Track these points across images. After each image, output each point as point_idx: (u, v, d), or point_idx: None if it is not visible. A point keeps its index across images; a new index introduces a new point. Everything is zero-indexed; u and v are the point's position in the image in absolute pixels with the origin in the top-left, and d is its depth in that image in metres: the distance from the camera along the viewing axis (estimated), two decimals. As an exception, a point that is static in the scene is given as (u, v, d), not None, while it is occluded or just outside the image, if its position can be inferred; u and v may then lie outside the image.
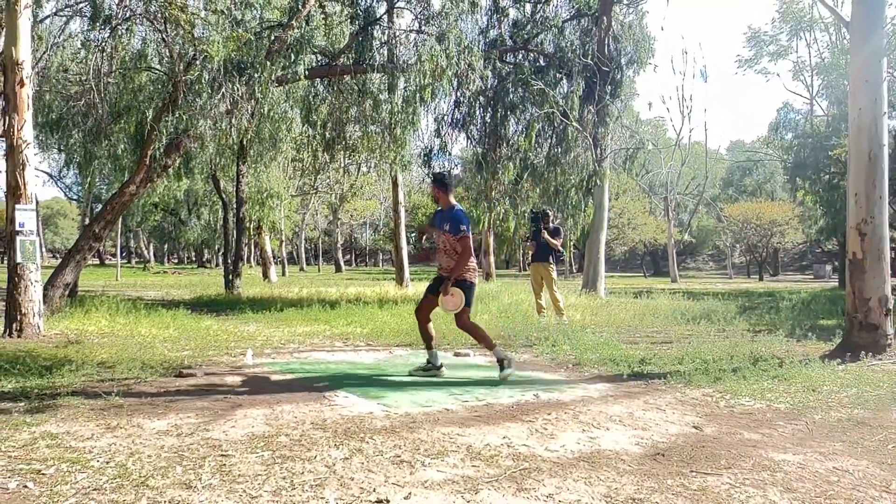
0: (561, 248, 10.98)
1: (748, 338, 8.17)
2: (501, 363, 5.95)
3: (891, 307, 7.07)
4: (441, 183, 6.23)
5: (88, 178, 15.06)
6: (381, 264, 69.87)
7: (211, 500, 2.90)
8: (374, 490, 3.05)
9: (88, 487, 3.02)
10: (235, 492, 3.00)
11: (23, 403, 4.65)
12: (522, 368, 6.70)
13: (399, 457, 3.56)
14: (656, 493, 3.08)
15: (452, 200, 6.20)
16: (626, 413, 4.71)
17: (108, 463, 3.36)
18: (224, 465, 3.36)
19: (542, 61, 15.36)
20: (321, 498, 2.95)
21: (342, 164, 24.95)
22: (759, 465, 3.54)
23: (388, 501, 2.92)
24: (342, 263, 54.73)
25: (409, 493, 3.02)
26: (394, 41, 13.84)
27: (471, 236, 6.11)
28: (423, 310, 6.32)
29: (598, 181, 15.01)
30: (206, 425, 4.16)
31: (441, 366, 6.24)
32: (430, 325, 6.33)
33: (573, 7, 15.53)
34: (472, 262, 6.14)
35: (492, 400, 5.09)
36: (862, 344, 6.87)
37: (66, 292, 11.06)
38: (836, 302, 14.19)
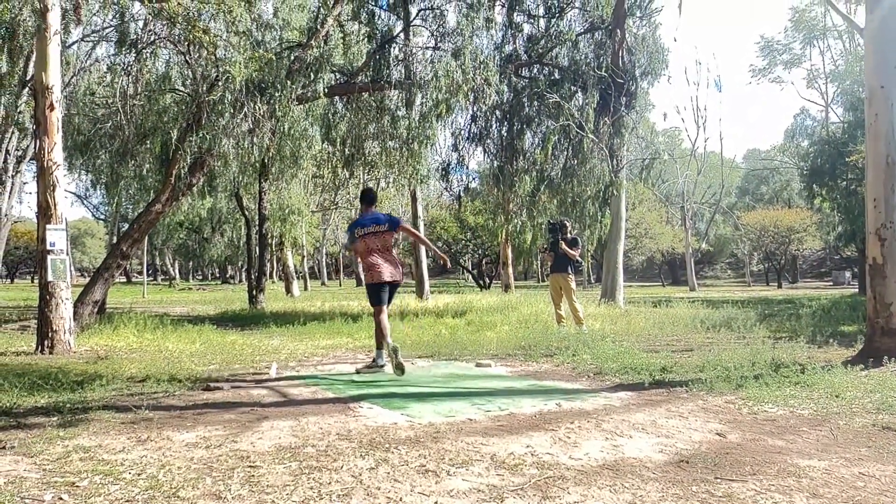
0: (579, 259, 10.93)
1: (769, 345, 8.07)
2: (374, 362, 7.15)
3: (913, 312, 6.96)
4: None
5: (115, 198, 15.25)
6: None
7: (240, 510, 2.91)
8: (401, 499, 3.05)
9: (121, 499, 3.04)
10: (264, 502, 3.00)
11: (56, 418, 4.70)
12: (543, 378, 6.68)
13: (424, 466, 3.55)
14: (681, 500, 3.05)
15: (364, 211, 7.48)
16: (649, 421, 4.67)
17: (139, 475, 3.39)
18: (252, 475, 3.37)
19: (556, 74, 15.38)
20: (348, 507, 2.95)
21: (362, 180, 25.11)
22: (785, 471, 3.49)
23: (414, 510, 2.92)
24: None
25: (436, 502, 3.01)
26: (411, 58, 13.92)
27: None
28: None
29: (614, 192, 14.96)
30: (234, 437, 4.18)
31: (384, 365, 7.08)
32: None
33: (587, 21, 15.54)
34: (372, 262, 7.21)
35: (514, 409, 5.07)
36: (884, 349, 6.76)
37: (96, 309, 11.19)
38: (857, 308, 14.00)
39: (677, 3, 35.81)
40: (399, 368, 6.60)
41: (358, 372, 6.98)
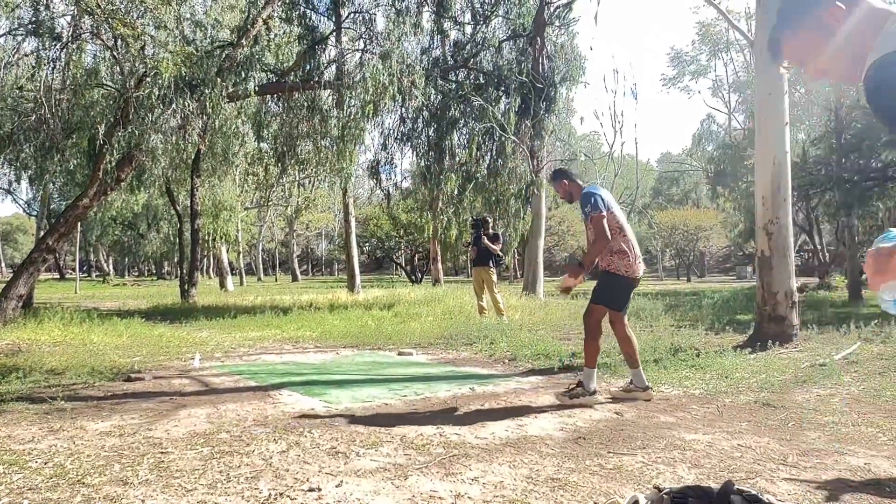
0: (500, 253, 11.04)
1: (671, 332, 8.35)
2: (581, 387, 4.68)
3: (796, 300, 7.32)
4: (560, 176, 5.12)
5: (41, 192, 14.54)
6: (336, 273, 69.14)
7: (146, 494, 2.81)
8: (308, 479, 3.01)
9: (23, 487, 2.89)
10: (171, 486, 2.91)
11: (-35, 410, 4.44)
12: (461, 365, 6.72)
13: (335, 448, 3.51)
14: (574, 473, 3.11)
15: (580, 184, 5.00)
16: (555, 402, 4.75)
17: (46, 463, 3.23)
18: (162, 461, 3.27)
19: (481, 79, 15.47)
20: (255, 489, 2.89)
21: (296, 178, 24.64)
22: (671, 444, 3.61)
23: (319, 489, 2.88)
24: (298, 273, 53.99)
25: (341, 482, 2.98)
26: (341, 60, 13.77)
27: (604, 214, 4.65)
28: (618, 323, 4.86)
29: (535, 190, 15.17)
30: (148, 425, 4.04)
31: (595, 392, 4.74)
32: (627, 339, 4.82)
33: (509, 28, 15.70)
34: (628, 253, 4.67)
35: (429, 394, 5.08)
36: (771, 334, 7.09)
37: (20, 304, 10.65)
38: (753, 298, 14.57)
39: (593, 15, 36.57)
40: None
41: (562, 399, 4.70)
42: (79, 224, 14.37)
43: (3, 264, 61.12)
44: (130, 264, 65.37)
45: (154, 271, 62.08)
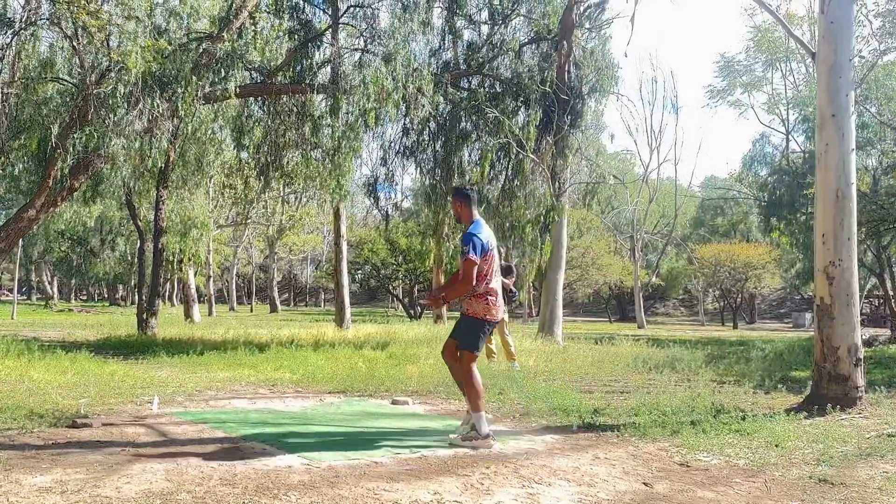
0: (514, 288, 11.07)
1: (712, 388, 8.33)
2: (474, 431, 5.30)
3: (861, 356, 7.29)
4: (460, 195, 5.80)
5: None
6: (322, 304, 69.20)
7: (91, 563, 2.82)
8: (281, 552, 3.01)
9: (-52, 550, 2.91)
10: (121, 554, 2.92)
11: None
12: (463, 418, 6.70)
13: (314, 515, 3.52)
14: (595, 555, 3.10)
15: (475, 215, 5.69)
16: (572, 467, 4.75)
17: (-25, 522, 3.25)
18: (111, 524, 3.28)
19: (497, 87, 15.65)
20: (219, 561, 2.89)
21: (281, 193, 24.82)
22: (710, 524, 3.60)
23: (294, 564, 2.88)
24: (278, 303, 54.06)
25: (320, 556, 2.98)
26: (338, 60, 13.92)
27: (477, 261, 5.42)
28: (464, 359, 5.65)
29: (555, 217, 15.23)
30: (96, 481, 4.04)
31: (490, 436, 5.37)
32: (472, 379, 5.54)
33: (532, 30, 15.89)
34: (490, 297, 5.52)
35: (427, 452, 5.09)
36: (830, 396, 7.05)
37: (-50, 330, 10.70)
38: (811, 352, 14.54)
39: (629, 16, 37.03)
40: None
41: (451, 444, 5.37)
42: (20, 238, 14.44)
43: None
44: (78, 286, 65.49)
45: (106, 296, 62.22)
